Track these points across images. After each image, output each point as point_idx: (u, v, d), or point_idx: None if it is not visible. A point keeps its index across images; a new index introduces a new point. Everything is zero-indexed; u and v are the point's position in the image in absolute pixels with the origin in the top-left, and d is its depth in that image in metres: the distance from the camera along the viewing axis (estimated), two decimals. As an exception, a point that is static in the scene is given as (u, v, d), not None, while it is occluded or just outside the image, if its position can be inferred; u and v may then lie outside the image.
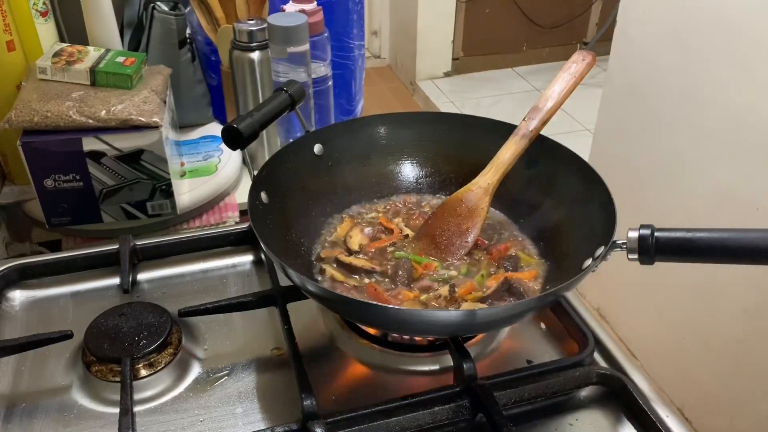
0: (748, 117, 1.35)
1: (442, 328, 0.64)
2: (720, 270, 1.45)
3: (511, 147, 0.77)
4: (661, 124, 1.59)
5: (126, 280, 0.79)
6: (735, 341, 1.48)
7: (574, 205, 0.74)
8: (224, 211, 1.02)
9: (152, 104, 0.88)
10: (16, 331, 0.75)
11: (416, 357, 0.71)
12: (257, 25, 0.99)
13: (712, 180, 1.46)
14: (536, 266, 0.74)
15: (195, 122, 1.15)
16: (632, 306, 1.84)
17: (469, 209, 0.78)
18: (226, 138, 0.73)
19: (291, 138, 1.01)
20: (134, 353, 0.68)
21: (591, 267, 0.61)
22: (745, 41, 1.33)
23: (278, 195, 0.75)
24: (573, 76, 0.77)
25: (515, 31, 3.37)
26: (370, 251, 0.77)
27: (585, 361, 0.68)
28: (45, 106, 0.84)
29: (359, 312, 0.65)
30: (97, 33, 0.98)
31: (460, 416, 0.63)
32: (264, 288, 0.79)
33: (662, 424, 0.61)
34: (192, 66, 1.09)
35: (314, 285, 0.63)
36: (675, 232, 0.58)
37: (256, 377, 0.70)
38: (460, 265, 0.75)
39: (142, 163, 0.88)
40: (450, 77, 3.39)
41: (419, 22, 3.16)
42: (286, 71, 0.95)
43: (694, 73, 1.46)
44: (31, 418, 0.65)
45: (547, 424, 0.65)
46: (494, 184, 0.77)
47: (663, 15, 1.53)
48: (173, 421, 0.65)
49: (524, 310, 0.63)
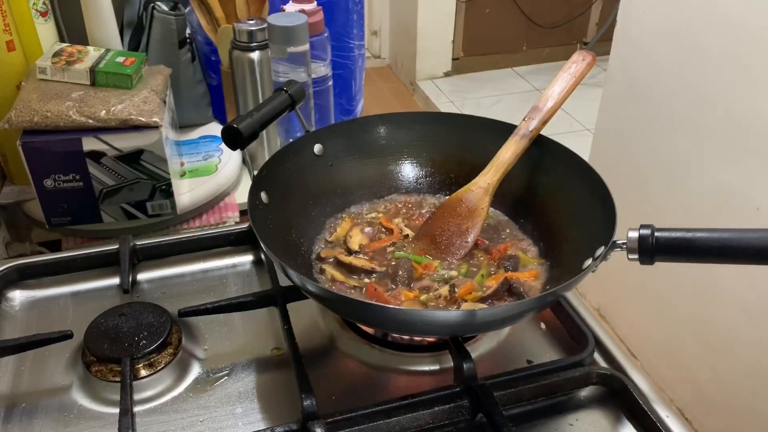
0: (748, 117, 1.35)
1: (442, 328, 0.64)
2: (720, 270, 1.45)
3: (511, 147, 0.77)
4: (661, 124, 1.59)
5: (126, 280, 0.79)
6: (735, 341, 1.48)
7: (574, 205, 0.74)
8: (224, 211, 1.02)
9: (152, 104, 0.88)
10: (16, 331, 0.75)
11: (416, 357, 0.71)
12: (257, 25, 0.99)
13: (712, 180, 1.46)
14: (536, 266, 0.74)
15: (195, 122, 1.15)
16: (632, 306, 1.84)
17: (469, 209, 0.78)
18: (226, 138, 0.73)
19: (291, 138, 1.01)
20: (134, 353, 0.68)
21: (591, 267, 0.61)
22: (745, 41, 1.33)
23: (278, 195, 0.75)
24: (573, 76, 0.78)
25: (515, 31, 3.37)
26: (370, 251, 0.77)
27: (585, 361, 0.68)
28: (45, 106, 0.84)
29: (359, 312, 0.65)
30: (97, 33, 0.98)
31: (460, 416, 0.63)
32: (264, 288, 0.79)
33: (662, 424, 0.61)
34: (192, 66, 1.09)
35: (314, 285, 0.63)
36: (675, 232, 0.58)
37: (256, 377, 0.70)
38: (460, 265, 0.75)
39: (142, 163, 0.88)
40: (450, 77, 3.39)
41: (419, 22, 3.16)
42: (286, 71, 0.95)
43: (694, 73, 1.46)
44: (31, 418, 0.65)
45: (547, 424, 0.65)
46: (494, 184, 0.78)
47: (663, 15, 1.53)
48: (173, 421, 0.65)
49: (524, 310, 0.63)
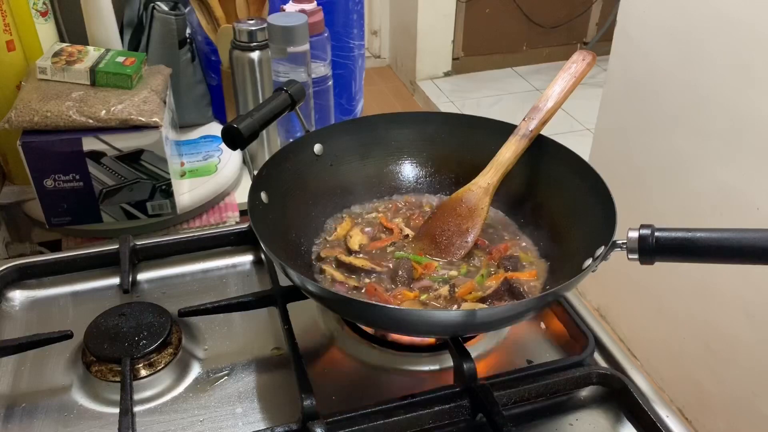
0: (748, 117, 1.35)
1: (442, 328, 0.64)
2: (720, 270, 1.46)
3: (511, 147, 0.77)
4: (661, 124, 1.59)
5: (126, 280, 0.79)
6: (735, 341, 1.48)
7: (574, 204, 0.74)
8: (224, 211, 1.02)
9: (152, 104, 0.88)
10: (16, 331, 0.75)
11: (416, 357, 0.71)
12: (257, 25, 0.99)
13: (712, 180, 1.46)
14: (536, 266, 0.74)
15: (195, 122, 1.15)
16: (632, 306, 1.84)
17: (469, 209, 0.78)
18: (226, 138, 0.73)
19: (291, 138, 1.01)
20: (134, 353, 0.68)
21: (591, 267, 0.61)
22: (745, 41, 1.33)
23: (278, 195, 0.75)
24: (573, 76, 0.78)
25: (515, 31, 3.37)
26: (371, 251, 0.77)
27: (585, 361, 0.68)
28: (45, 106, 0.84)
29: (359, 312, 0.65)
30: (97, 33, 0.98)
31: (460, 416, 0.63)
32: (264, 288, 0.79)
33: (662, 424, 0.61)
34: (192, 66, 1.09)
35: (314, 285, 0.63)
36: (675, 232, 0.58)
37: (256, 377, 0.70)
38: (460, 265, 0.75)
39: (142, 163, 0.88)
40: (450, 77, 3.39)
41: (419, 22, 3.16)
42: (286, 71, 0.95)
43: (694, 73, 1.46)
44: (31, 418, 0.65)
45: (547, 424, 0.65)
46: (494, 184, 0.78)
47: (663, 15, 1.53)
48: (173, 421, 0.65)
49: (524, 310, 0.63)
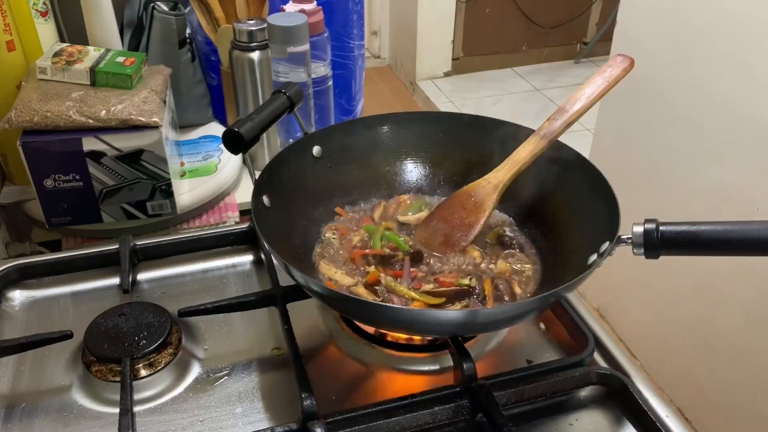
0: (747, 116, 1.35)
1: (442, 328, 0.64)
2: (720, 270, 1.46)
3: (529, 146, 0.75)
4: (661, 124, 1.59)
5: (126, 280, 0.79)
6: (735, 341, 1.48)
7: (575, 204, 0.74)
8: (224, 211, 1.02)
9: (152, 104, 0.88)
10: (16, 331, 0.75)
11: (416, 357, 0.71)
12: (257, 25, 0.99)
13: (712, 180, 1.46)
14: (536, 266, 0.74)
15: (195, 122, 1.15)
16: (632, 306, 1.84)
17: (476, 204, 0.77)
18: (228, 142, 0.72)
19: (291, 138, 1.01)
20: (134, 353, 0.68)
21: (597, 263, 0.61)
22: (745, 41, 1.33)
23: (280, 197, 0.75)
24: (607, 80, 0.74)
25: (515, 31, 3.37)
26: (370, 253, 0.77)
27: (585, 361, 0.68)
28: (45, 106, 0.84)
29: (361, 311, 0.65)
30: (97, 33, 0.98)
31: (460, 416, 0.63)
32: (264, 288, 0.79)
33: (662, 424, 0.61)
34: (192, 66, 1.09)
35: (318, 285, 0.63)
36: (679, 225, 0.58)
37: (256, 377, 0.70)
38: (454, 259, 0.75)
39: (142, 163, 0.88)
40: (450, 77, 3.39)
41: (419, 22, 3.16)
42: (286, 71, 0.95)
43: (693, 73, 1.46)
44: (31, 418, 0.65)
45: (547, 424, 0.65)
46: (505, 182, 0.76)
47: (663, 15, 1.53)
48: (173, 421, 0.65)
49: (525, 310, 0.63)
